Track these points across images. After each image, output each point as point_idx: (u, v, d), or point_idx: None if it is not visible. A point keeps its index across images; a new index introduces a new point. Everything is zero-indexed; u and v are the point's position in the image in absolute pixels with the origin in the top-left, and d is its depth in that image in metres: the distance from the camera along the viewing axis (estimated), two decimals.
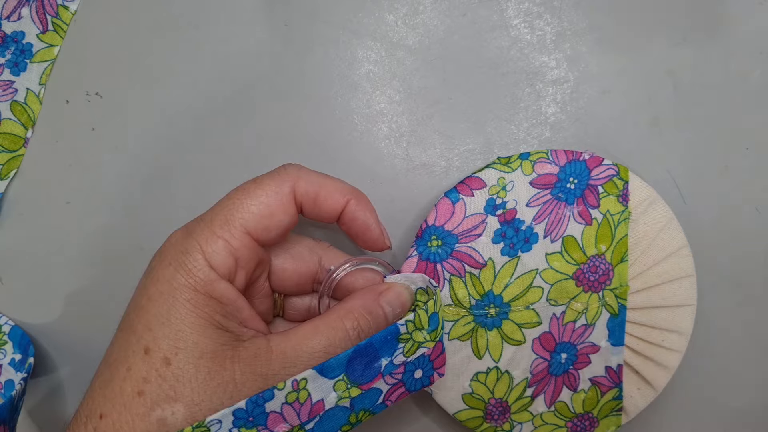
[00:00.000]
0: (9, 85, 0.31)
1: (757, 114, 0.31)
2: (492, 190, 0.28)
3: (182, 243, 0.23)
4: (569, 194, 0.28)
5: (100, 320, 0.31)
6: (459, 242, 0.28)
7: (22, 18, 0.32)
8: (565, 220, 0.28)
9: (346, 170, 0.31)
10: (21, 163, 0.31)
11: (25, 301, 0.31)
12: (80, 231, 0.31)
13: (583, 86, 0.31)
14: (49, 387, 0.31)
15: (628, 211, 0.28)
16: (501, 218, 0.28)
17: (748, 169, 0.30)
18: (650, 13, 0.31)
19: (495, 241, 0.28)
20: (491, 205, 0.28)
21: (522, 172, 0.28)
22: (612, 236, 0.28)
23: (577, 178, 0.28)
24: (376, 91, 0.31)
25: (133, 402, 0.21)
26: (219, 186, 0.31)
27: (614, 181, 0.28)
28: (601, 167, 0.28)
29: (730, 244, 0.30)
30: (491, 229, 0.28)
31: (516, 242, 0.28)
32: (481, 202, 0.28)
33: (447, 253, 0.27)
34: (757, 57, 0.31)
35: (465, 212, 0.28)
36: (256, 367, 0.22)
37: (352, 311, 0.24)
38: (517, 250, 0.28)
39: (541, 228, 0.28)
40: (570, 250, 0.28)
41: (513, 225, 0.28)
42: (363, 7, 0.31)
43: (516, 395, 0.28)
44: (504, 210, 0.28)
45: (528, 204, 0.28)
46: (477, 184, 0.28)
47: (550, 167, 0.28)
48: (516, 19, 0.31)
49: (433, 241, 0.27)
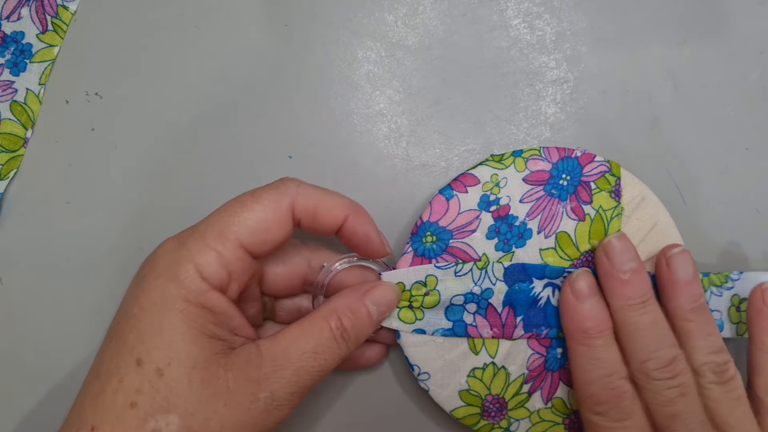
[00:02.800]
0: (9, 85, 0.31)
1: (757, 114, 0.31)
2: (485, 186, 0.28)
3: (175, 253, 0.23)
4: (562, 190, 0.28)
5: (99, 320, 0.31)
6: (453, 238, 0.28)
7: (21, 18, 0.32)
8: (559, 216, 0.28)
9: (346, 170, 0.31)
10: (21, 163, 0.31)
11: (25, 301, 0.31)
12: (80, 231, 0.31)
13: (583, 86, 0.31)
14: (49, 387, 0.31)
15: (621, 206, 0.28)
16: (495, 214, 0.28)
17: (748, 169, 0.30)
18: (650, 13, 0.31)
19: (489, 237, 0.28)
20: (485, 202, 0.28)
21: (515, 168, 0.28)
22: (605, 232, 0.28)
23: (570, 175, 0.28)
24: (376, 92, 0.31)
25: (127, 414, 0.20)
26: (219, 186, 0.31)
27: (606, 177, 0.28)
28: (593, 163, 0.28)
29: (730, 244, 0.30)
30: (485, 225, 0.28)
31: (510, 238, 0.28)
32: (475, 199, 0.28)
33: (442, 249, 0.28)
34: (757, 57, 0.31)
35: (459, 208, 0.28)
36: (249, 372, 0.22)
37: (335, 310, 0.24)
38: (511, 245, 0.28)
39: (535, 224, 0.28)
40: (563, 246, 0.28)
41: (507, 221, 0.28)
42: (363, 7, 0.31)
43: (513, 391, 0.28)
44: (498, 206, 0.28)
45: (521, 200, 0.28)
46: (471, 180, 0.28)
47: (542, 164, 0.28)
48: (516, 19, 0.31)
49: (428, 237, 0.28)
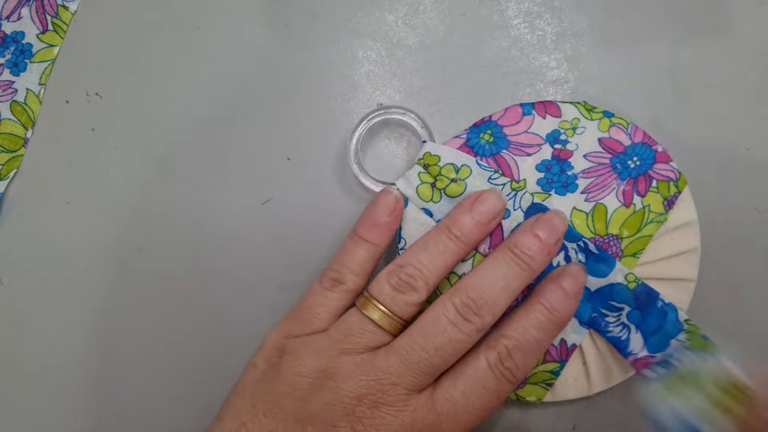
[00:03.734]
0: (9, 85, 0.31)
1: (757, 114, 0.31)
2: (563, 124, 0.28)
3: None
4: (626, 170, 0.28)
5: (99, 320, 0.31)
6: (508, 149, 0.28)
7: (22, 18, 0.32)
8: (609, 190, 0.28)
9: (346, 171, 0.30)
10: (21, 163, 0.31)
11: (25, 301, 0.31)
12: (80, 231, 0.31)
13: (583, 86, 0.31)
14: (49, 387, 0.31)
15: (666, 217, 0.28)
16: (555, 152, 0.28)
17: (748, 169, 0.30)
18: (650, 13, 0.31)
19: (539, 169, 0.28)
20: (554, 137, 0.28)
21: (598, 126, 0.28)
22: (639, 229, 0.27)
23: (641, 161, 0.28)
24: (376, 92, 0.31)
25: None
26: (218, 186, 0.31)
27: (669, 185, 0.28)
28: (666, 165, 0.28)
29: (730, 244, 0.30)
30: (542, 156, 0.28)
31: (555, 181, 0.28)
32: (548, 128, 0.28)
33: (491, 152, 0.28)
34: (757, 57, 0.31)
35: (529, 127, 0.28)
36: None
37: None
38: (552, 187, 0.28)
39: (584, 183, 0.28)
40: (596, 218, 0.28)
41: (562, 165, 0.28)
42: (363, 7, 0.31)
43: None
44: (563, 147, 0.28)
45: (586, 156, 0.28)
46: (554, 110, 0.28)
47: (624, 137, 0.28)
48: (516, 19, 0.31)
49: (486, 136, 0.28)
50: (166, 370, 0.30)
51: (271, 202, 0.31)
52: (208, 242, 0.31)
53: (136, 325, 0.31)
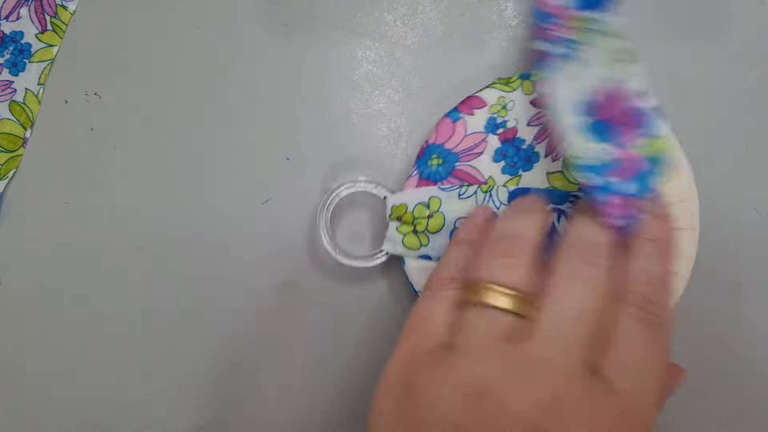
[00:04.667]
0: (8, 85, 0.31)
1: (757, 114, 0.31)
2: (492, 109, 0.28)
3: None
4: None
5: (99, 320, 0.31)
6: (460, 161, 0.28)
7: (20, 18, 0.32)
8: None
9: (345, 171, 0.30)
10: (20, 163, 0.31)
11: (25, 301, 0.31)
12: (80, 231, 0.31)
13: None
14: (49, 387, 0.31)
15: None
16: (501, 137, 0.28)
17: (748, 169, 0.30)
18: (650, 13, 0.31)
19: (496, 160, 0.28)
20: (492, 124, 0.28)
21: (522, 91, 0.28)
22: None
23: None
24: (375, 91, 0.31)
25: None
26: (218, 186, 0.31)
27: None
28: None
29: (730, 245, 0.30)
30: (492, 147, 0.28)
31: (517, 161, 0.28)
32: (482, 121, 0.28)
33: (447, 172, 0.27)
34: (757, 57, 0.31)
35: (466, 131, 0.28)
36: None
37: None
38: (518, 168, 0.28)
39: (542, 148, 0.28)
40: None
41: (514, 144, 0.28)
42: (362, 8, 0.31)
43: None
44: (504, 129, 0.28)
45: (529, 123, 0.28)
46: (477, 103, 0.28)
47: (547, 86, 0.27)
48: (516, 19, 0.31)
49: (434, 160, 0.28)
50: (166, 370, 0.30)
51: (271, 202, 0.31)
52: (208, 242, 0.31)
53: (136, 325, 0.31)
